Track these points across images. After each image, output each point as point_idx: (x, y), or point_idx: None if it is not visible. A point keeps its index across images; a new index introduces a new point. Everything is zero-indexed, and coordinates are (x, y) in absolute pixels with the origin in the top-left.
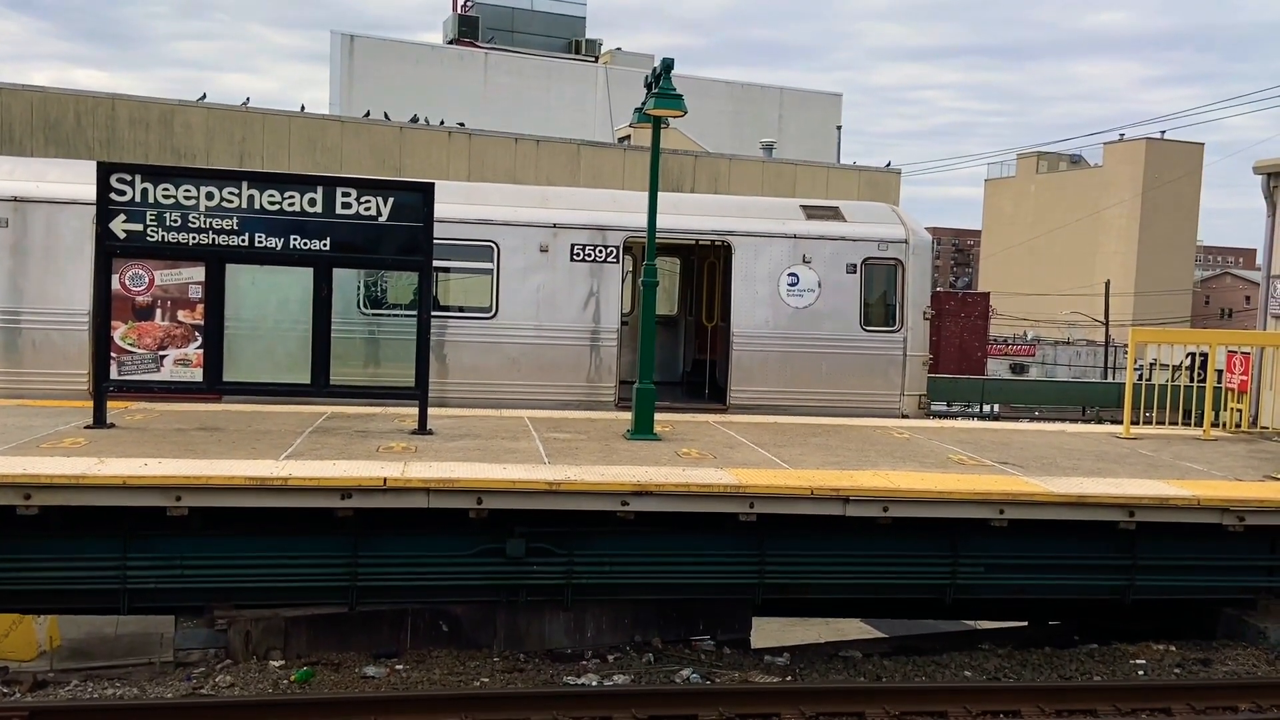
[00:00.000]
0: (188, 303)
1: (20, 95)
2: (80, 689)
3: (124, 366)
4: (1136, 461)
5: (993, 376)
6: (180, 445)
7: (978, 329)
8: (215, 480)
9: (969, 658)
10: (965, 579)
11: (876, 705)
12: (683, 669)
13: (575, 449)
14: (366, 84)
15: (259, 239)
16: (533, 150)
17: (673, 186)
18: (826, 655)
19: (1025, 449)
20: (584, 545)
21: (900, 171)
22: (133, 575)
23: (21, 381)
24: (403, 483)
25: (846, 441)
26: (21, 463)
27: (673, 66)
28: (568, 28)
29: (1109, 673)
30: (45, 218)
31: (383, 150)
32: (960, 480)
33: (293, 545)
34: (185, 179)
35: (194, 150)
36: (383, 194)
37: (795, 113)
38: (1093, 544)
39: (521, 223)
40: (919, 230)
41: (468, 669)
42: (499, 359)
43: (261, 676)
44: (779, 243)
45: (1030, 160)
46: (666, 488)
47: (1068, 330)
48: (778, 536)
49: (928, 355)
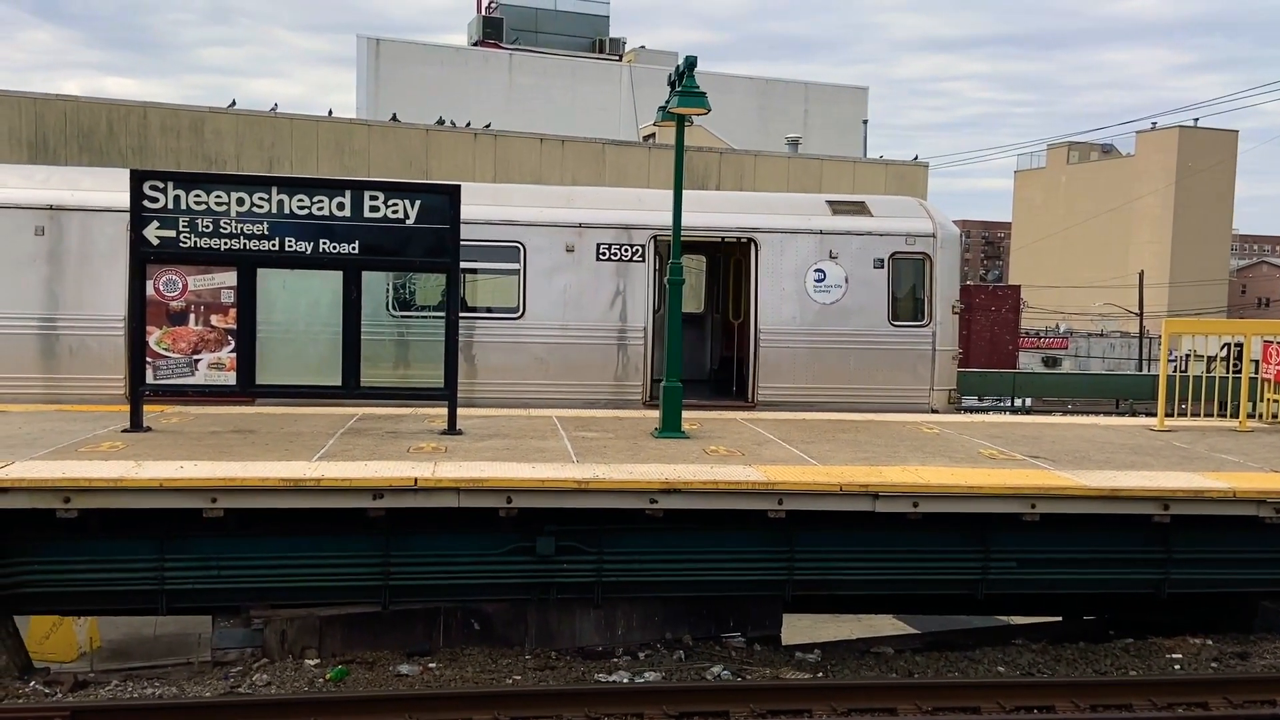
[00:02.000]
0: (220, 307)
1: (54, 104)
2: (120, 689)
3: (159, 371)
4: (1171, 454)
5: (1024, 370)
6: (215, 448)
7: (1008, 322)
8: (250, 482)
9: (1002, 653)
10: (997, 574)
11: (909, 701)
12: (713, 666)
13: (603, 447)
14: (393, 87)
15: (289, 243)
16: (558, 150)
17: (697, 184)
18: (858, 652)
19: (1057, 443)
20: (613, 543)
21: (928, 164)
22: (170, 576)
23: (59, 387)
24: (434, 482)
25: (875, 437)
26: (61, 467)
27: (696, 64)
28: (591, 27)
29: (1144, 667)
30: (80, 225)
31: (409, 153)
32: (991, 475)
33: (326, 545)
34: (216, 185)
35: (224, 156)
36: (410, 197)
37: (820, 107)
38: (1126, 538)
39: (547, 223)
40: (947, 224)
41: (500, 667)
42: (526, 359)
43: (298, 675)
44: (805, 239)
45: (1061, 150)
46: (695, 485)
47: (1101, 322)
48: (807, 533)
49: (957, 349)
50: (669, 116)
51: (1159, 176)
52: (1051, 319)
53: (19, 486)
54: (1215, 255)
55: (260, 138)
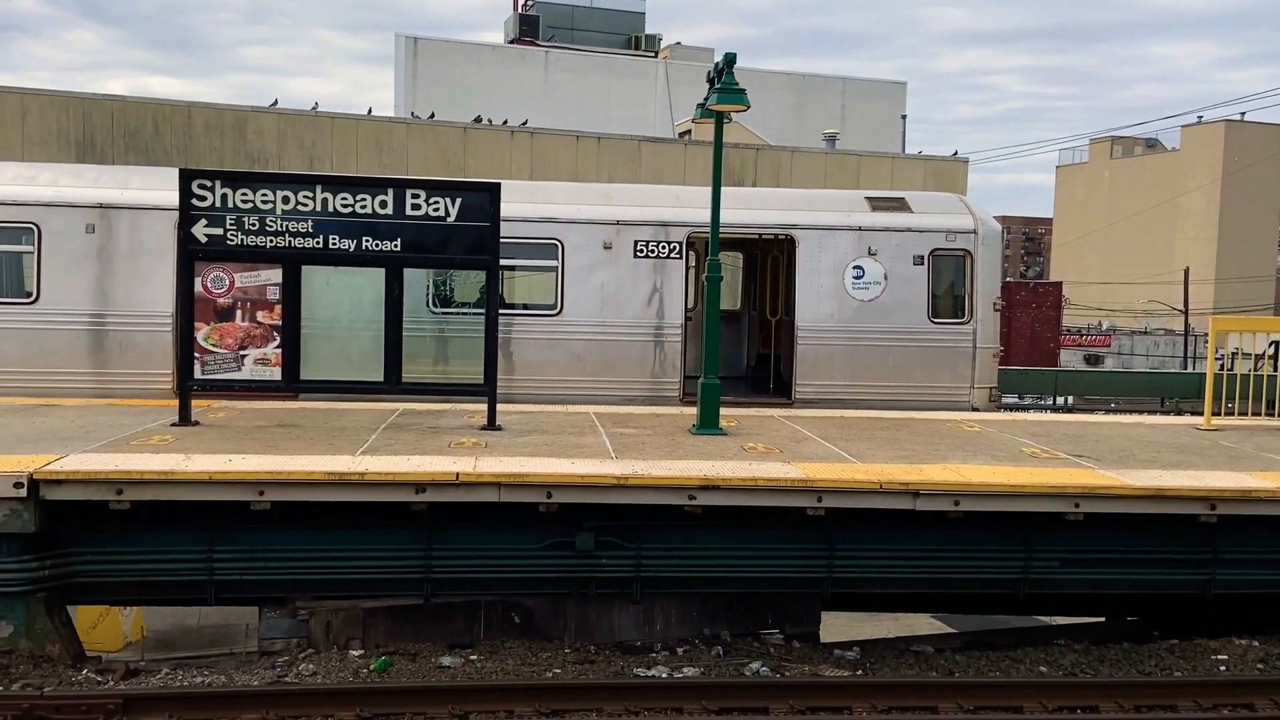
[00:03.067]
0: (266, 304)
1: (101, 105)
2: (170, 677)
3: (206, 366)
4: (1218, 453)
5: (1066, 368)
6: (261, 442)
7: (1050, 319)
8: (296, 475)
9: (1044, 653)
10: (1039, 574)
11: (950, 700)
12: (752, 663)
13: (642, 444)
14: (430, 85)
15: (333, 241)
16: (594, 147)
17: (734, 180)
18: (897, 650)
19: (1100, 441)
20: (652, 539)
21: (968, 160)
22: (219, 567)
23: (109, 381)
24: (475, 477)
25: (915, 435)
26: (114, 459)
27: (735, 61)
28: (627, 24)
29: (1189, 668)
30: (129, 223)
31: (447, 151)
32: (1033, 474)
33: (370, 538)
34: (262, 184)
35: (266, 154)
36: (451, 195)
37: (858, 103)
38: (1172, 538)
39: (585, 220)
40: (988, 220)
41: (540, 660)
42: (564, 355)
43: (342, 665)
44: (843, 235)
45: (1104, 145)
46: (733, 482)
47: (1144, 320)
48: (846, 531)
49: (998, 347)
50: (708, 114)
51: (1204, 172)
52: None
53: (73, 478)
54: (1262, 251)
55: (301, 136)
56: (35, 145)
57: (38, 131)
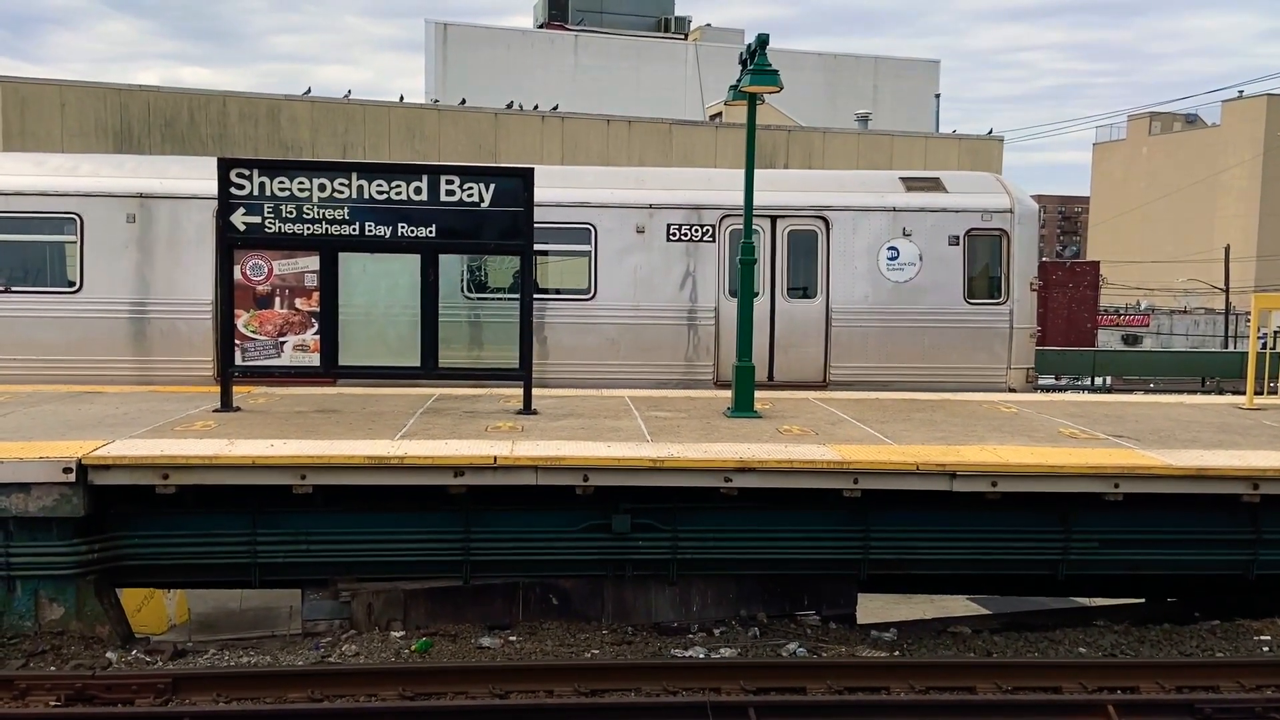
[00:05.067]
0: (304, 290)
1: (137, 95)
2: (217, 657)
3: (247, 353)
4: (1261, 433)
5: (1103, 348)
6: (302, 427)
7: (1087, 299)
8: (337, 459)
9: (1083, 634)
10: (1078, 555)
11: (988, 680)
12: (789, 643)
13: (677, 427)
14: (461, 71)
15: (369, 228)
16: (624, 131)
17: (766, 162)
18: (934, 631)
19: (1140, 421)
20: (688, 521)
21: (1003, 138)
22: (262, 550)
23: (151, 368)
24: (512, 461)
25: (951, 416)
26: (159, 445)
27: (768, 42)
28: (656, 6)
29: (1232, 649)
30: (169, 213)
31: (479, 136)
32: (1072, 454)
33: (409, 521)
34: (299, 172)
35: (300, 143)
36: (484, 181)
37: (890, 82)
38: (1213, 518)
39: (618, 204)
40: (1024, 199)
41: (578, 641)
42: (598, 339)
43: (384, 646)
44: (877, 216)
45: (1142, 121)
46: (769, 464)
47: (1184, 298)
48: (883, 512)
49: (1035, 327)
50: (740, 96)
51: (1246, 147)
52: (1132, 295)
53: (120, 464)
54: None
55: (334, 124)
56: (74, 136)
57: (76, 122)
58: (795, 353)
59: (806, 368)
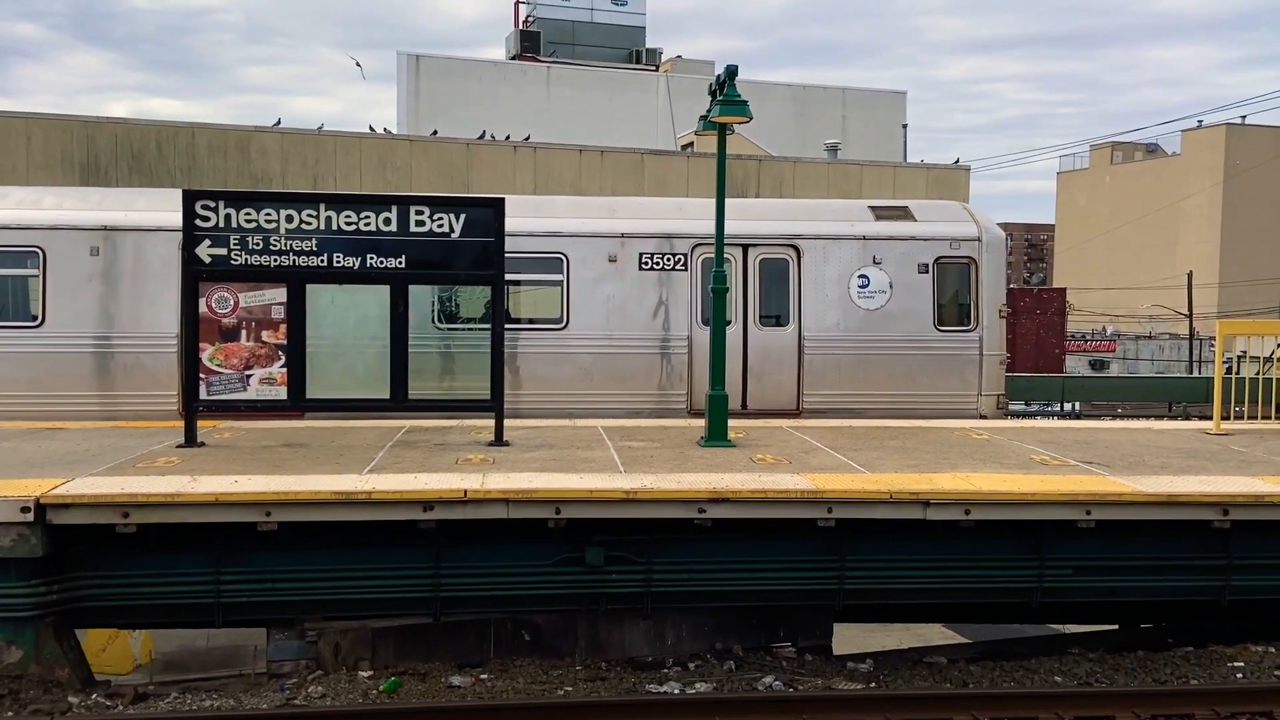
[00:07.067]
0: (271, 323)
1: (104, 127)
2: (179, 701)
3: (212, 386)
4: (1229, 458)
5: (1072, 374)
6: (268, 462)
7: (1055, 325)
8: (303, 495)
9: (1059, 662)
10: (1052, 581)
11: (965, 712)
12: (765, 676)
13: (650, 457)
14: (433, 102)
15: (337, 259)
16: (597, 161)
17: (737, 191)
18: (911, 661)
19: (1110, 448)
20: (662, 553)
21: (969, 168)
22: (226, 589)
23: (115, 403)
24: (483, 494)
25: (924, 444)
26: (120, 482)
27: (737, 73)
28: (627, 38)
29: (1206, 676)
30: (134, 245)
31: (450, 167)
32: (1044, 481)
33: (378, 557)
34: (266, 203)
35: (270, 174)
36: (455, 211)
37: (859, 112)
38: (1185, 544)
39: (590, 234)
40: (991, 227)
41: (551, 678)
42: (571, 369)
43: (351, 686)
44: (848, 245)
45: (1104, 151)
46: (743, 494)
47: (1149, 324)
48: (857, 541)
49: (1004, 354)
50: (711, 126)
51: (1206, 175)
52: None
53: (80, 502)
54: (1267, 254)
55: (304, 155)
56: (40, 169)
57: (42, 155)
58: (768, 381)
59: (780, 395)
